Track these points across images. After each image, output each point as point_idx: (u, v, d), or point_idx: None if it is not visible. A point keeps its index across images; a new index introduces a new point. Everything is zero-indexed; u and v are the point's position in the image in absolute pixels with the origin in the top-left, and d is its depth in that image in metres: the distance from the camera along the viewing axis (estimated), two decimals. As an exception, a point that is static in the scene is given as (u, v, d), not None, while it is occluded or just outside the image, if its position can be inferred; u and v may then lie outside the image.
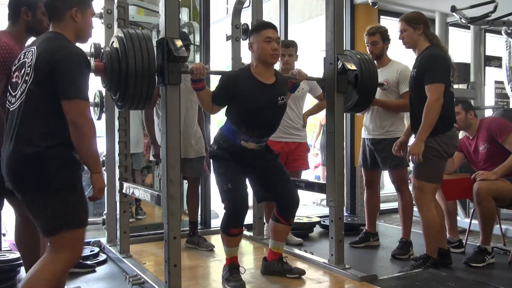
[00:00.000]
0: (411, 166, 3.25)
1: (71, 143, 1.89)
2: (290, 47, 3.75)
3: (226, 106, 2.72)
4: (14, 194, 2.04)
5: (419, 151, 2.92)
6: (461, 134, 3.95)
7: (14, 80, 1.98)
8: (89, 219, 2.06)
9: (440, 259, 3.12)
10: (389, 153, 3.47)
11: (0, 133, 2.16)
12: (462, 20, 4.55)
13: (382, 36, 3.60)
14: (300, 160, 3.87)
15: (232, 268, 2.67)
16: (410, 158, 3.01)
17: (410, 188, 3.44)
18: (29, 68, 1.89)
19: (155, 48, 2.37)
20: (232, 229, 2.61)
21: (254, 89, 2.61)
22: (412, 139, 3.46)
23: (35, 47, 1.93)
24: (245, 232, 3.88)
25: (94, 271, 3.18)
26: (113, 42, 2.48)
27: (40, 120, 1.86)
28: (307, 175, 9.56)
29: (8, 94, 2.00)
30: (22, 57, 1.99)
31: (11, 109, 1.95)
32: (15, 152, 1.87)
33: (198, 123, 3.59)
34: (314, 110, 4.10)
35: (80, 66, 1.88)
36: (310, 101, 4.75)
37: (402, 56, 3.71)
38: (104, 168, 3.42)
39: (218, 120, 8.64)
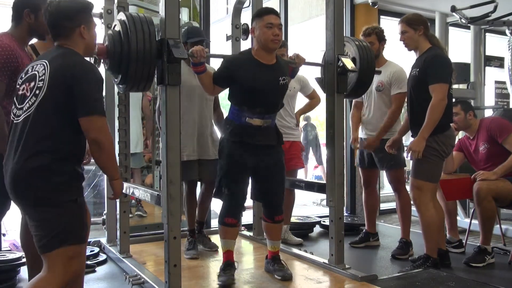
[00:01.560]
0: (409, 166, 3.26)
1: (77, 157, 1.94)
2: (282, 47, 3.75)
3: (229, 89, 2.76)
4: None
5: (420, 148, 2.94)
6: (461, 134, 3.96)
7: (21, 92, 1.94)
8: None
9: (439, 259, 3.12)
10: (386, 153, 3.48)
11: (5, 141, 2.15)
12: (462, 20, 4.55)
13: (378, 36, 3.60)
14: (295, 159, 3.88)
15: (226, 265, 2.74)
16: (409, 154, 3.02)
17: (407, 188, 3.45)
18: (41, 82, 1.87)
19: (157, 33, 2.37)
20: (226, 218, 2.69)
21: (254, 69, 2.66)
22: (407, 138, 3.49)
23: (46, 61, 1.91)
24: (245, 232, 3.90)
25: (94, 271, 3.18)
26: (115, 25, 2.48)
27: (49, 134, 1.85)
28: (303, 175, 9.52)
29: (13, 107, 1.97)
30: (30, 70, 1.95)
31: (15, 121, 1.92)
32: (20, 164, 1.84)
33: (218, 121, 3.49)
34: (306, 109, 4.11)
35: (97, 82, 1.91)
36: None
37: (401, 56, 3.71)
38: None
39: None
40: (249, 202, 3.23)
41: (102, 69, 2.57)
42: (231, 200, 2.72)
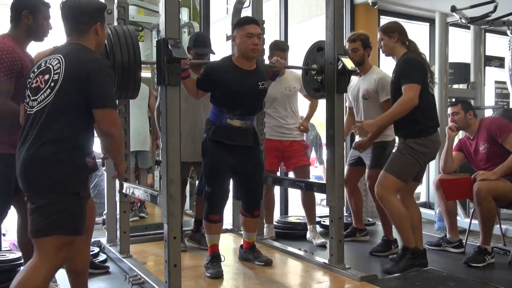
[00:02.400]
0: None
1: (86, 148, 2.01)
2: (287, 51, 3.82)
3: (211, 93, 2.90)
4: (17, 196, 2.08)
5: (369, 130, 3.02)
6: (461, 134, 3.96)
7: (34, 85, 2.00)
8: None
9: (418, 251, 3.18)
10: (373, 155, 3.58)
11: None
12: (462, 20, 4.56)
13: (363, 43, 3.60)
14: (298, 157, 3.87)
15: (213, 257, 2.92)
16: (356, 132, 3.09)
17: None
18: (56, 75, 1.94)
19: (156, 42, 2.42)
20: (210, 215, 2.88)
21: (235, 75, 2.81)
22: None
23: (61, 56, 1.98)
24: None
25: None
26: None
27: (62, 125, 1.92)
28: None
29: (27, 99, 2.03)
30: (43, 64, 2.01)
31: (28, 112, 1.99)
32: (31, 152, 1.91)
33: None
34: (310, 114, 4.11)
35: (111, 77, 2.03)
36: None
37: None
38: (104, 168, 3.43)
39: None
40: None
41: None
42: (213, 198, 2.88)
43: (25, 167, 1.93)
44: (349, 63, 2.85)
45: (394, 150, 3.16)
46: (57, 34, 2.63)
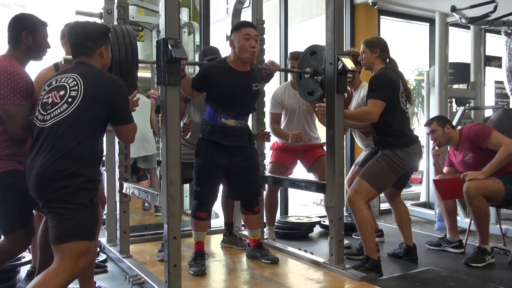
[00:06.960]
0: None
1: (97, 164, 2.16)
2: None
3: (206, 93, 2.96)
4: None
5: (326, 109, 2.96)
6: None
7: (45, 100, 2.07)
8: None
9: (407, 255, 3.36)
10: (366, 155, 3.68)
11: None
12: (462, 20, 4.56)
13: (354, 59, 3.55)
14: (315, 149, 3.83)
15: (197, 255, 2.97)
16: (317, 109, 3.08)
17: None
18: (74, 92, 2.04)
19: (158, 43, 2.42)
20: (197, 212, 2.96)
21: (229, 76, 2.87)
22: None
23: (76, 75, 2.08)
24: (245, 232, 3.90)
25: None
26: None
27: (79, 139, 2.01)
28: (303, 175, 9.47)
29: (37, 113, 2.09)
30: (54, 82, 2.11)
31: (40, 126, 2.05)
32: (48, 164, 1.97)
33: None
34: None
35: (127, 95, 2.23)
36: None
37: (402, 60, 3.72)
38: (104, 168, 3.44)
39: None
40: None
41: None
42: (201, 196, 2.95)
43: (41, 178, 1.98)
44: (349, 63, 2.85)
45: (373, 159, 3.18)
46: (54, 53, 2.68)
